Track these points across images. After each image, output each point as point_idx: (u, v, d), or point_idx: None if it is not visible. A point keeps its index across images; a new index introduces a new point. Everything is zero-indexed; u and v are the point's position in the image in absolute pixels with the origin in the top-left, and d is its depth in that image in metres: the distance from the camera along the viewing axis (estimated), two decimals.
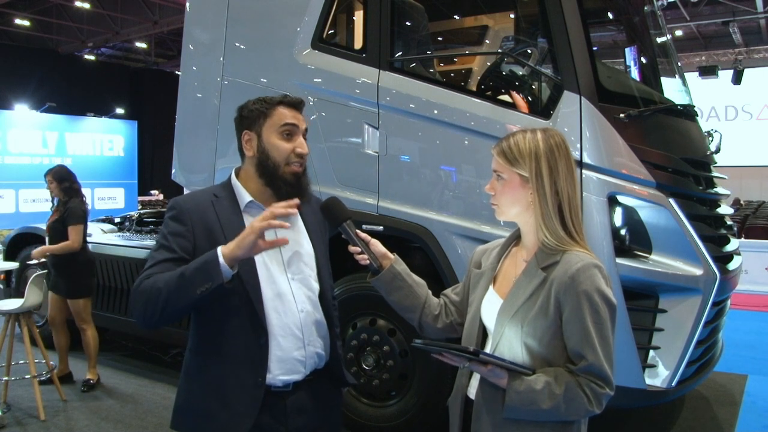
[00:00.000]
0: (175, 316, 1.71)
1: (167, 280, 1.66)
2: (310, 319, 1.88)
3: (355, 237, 1.85)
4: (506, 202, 1.64)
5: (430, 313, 1.86)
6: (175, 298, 1.64)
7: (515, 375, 1.52)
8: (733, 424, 4.20)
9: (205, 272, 1.62)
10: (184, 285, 1.63)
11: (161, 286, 1.65)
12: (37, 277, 4.48)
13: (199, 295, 1.63)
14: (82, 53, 20.65)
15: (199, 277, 1.62)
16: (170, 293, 1.64)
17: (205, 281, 1.62)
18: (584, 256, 1.55)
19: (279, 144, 1.85)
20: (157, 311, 1.66)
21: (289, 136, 1.87)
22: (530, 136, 1.61)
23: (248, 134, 1.88)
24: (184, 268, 1.66)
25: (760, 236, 9.98)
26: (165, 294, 1.64)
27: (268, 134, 1.86)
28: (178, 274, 1.65)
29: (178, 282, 1.64)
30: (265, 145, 1.86)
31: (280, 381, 1.81)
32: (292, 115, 1.88)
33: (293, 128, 1.87)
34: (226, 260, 1.62)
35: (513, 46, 4.50)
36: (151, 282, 1.68)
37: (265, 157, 1.86)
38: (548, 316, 1.53)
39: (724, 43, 19.24)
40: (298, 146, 1.87)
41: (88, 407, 4.45)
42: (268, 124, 1.86)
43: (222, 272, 1.62)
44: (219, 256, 1.62)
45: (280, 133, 1.85)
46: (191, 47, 4.45)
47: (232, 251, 1.62)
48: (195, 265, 1.65)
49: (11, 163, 15.43)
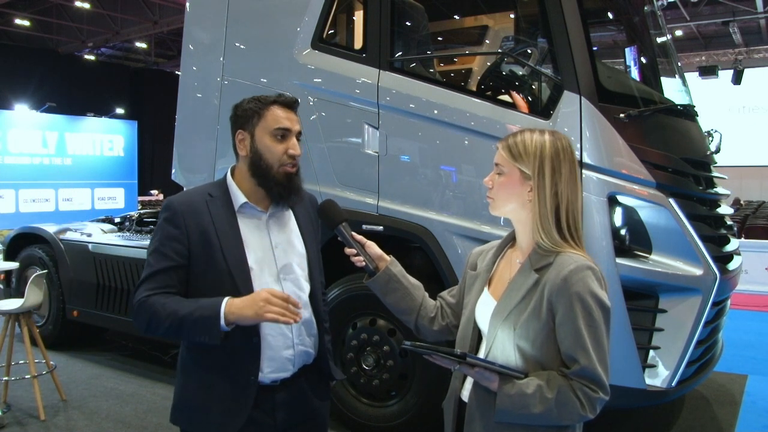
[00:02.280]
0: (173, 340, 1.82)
1: (170, 314, 1.73)
2: (300, 320, 1.90)
3: (350, 239, 1.85)
4: (503, 196, 1.64)
5: (426, 315, 1.86)
6: (173, 334, 1.76)
7: (506, 378, 1.51)
8: (733, 424, 4.20)
9: (205, 327, 1.70)
10: (185, 329, 1.73)
11: (164, 317, 1.73)
12: (37, 277, 4.47)
13: (195, 341, 1.77)
14: (82, 53, 20.66)
15: (198, 328, 1.71)
16: (171, 328, 1.74)
17: (202, 334, 1.71)
18: (578, 258, 1.54)
19: (272, 145, 1.86)
20: (158, 332, 1.77)
21: (283, 138, 1.87)
22: (538, 136, 1.61)
23: (242, 134, 1.89)
24: (188, 311, 1.72)
25: (760, 236, 9.97)
26: (166, 326, 1.74)
27: (261, 135, 1.86)
28: (181, 317, 1.72)
29: (179, 324, 1.73)
30: (258, 146, 1.86)
31: (269, 378, 1.86)
32: (286, 117, 1.88)
33: (286, 131, 1.87)
34: (227, 323, 1.69)
35: (513, 46, 4.50)
36: (156, 306, 1.75)
37: (257, 158, 1.87)
38: (541, 318, 1.52)
39: (724, 43, 19.25)
40: (290, 148, 1.87)
41: (88, 407, 4.45)
42: (261, 124, 1.87)
43: (221, 332, 1.69)
44: (221, 318, 1.68)
45: (273, 135, 1.86)
46: (191, 47, 4.45)
47: (237, 318, 1.69)
48: (198, 314, 1.71)
49: (11, 163, 15.40)
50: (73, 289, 5.63)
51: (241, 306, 1.68)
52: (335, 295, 3.78)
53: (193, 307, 1.71)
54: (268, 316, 1.65)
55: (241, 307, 1.68)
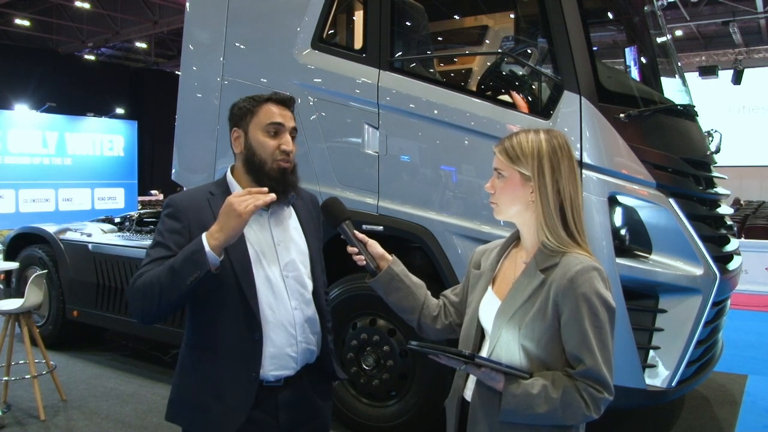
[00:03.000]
0: (171, 308, 1.76)
1: (159, 274, 1.70)
2: (303, 316, 1.92)
3: (353, 238, 1.85)
4: (506, 200, 1.64)
5: (428, 314, 1.86)
6: (169, 291, 1.69)
7: (512, 378, 1.51)
8: (733, 424, 4.20)
9: (193, 262, 1.67)
10: (175, 276, 1.68)
11: (154, 281, 1.70)
12: (37, 277, 4.47)
13: (191, 285, 1.68)
14: (82, 53, 20.66)
15: (188, 267, 1.67)
16: (163, 287, 1.69)
17: (193, 270, 1.66)
18: (584, 259, 1.54)
19: (264, 141, 1.87)
20: (153, 306, 1.72)
21: (276, 134, 1.88)
22: (533, 136, 1.61)
23: (236, 131, 1.92)
24: (173, 260, 1.70)
25: (760, 236, 9.97)
26: (158, 288, 1.69)
27: (254, 131, 1.88)
28: (168, 267, 1.70)
29: (168, 275, 1.69)
30: (251, 142, 1.88)
31: (272, 376, 1.86)
32: (280, 113, 1.89)
33: (279, 127, 1.88)
34: (212, 248, 1.66)
35: (513, 46, 4.51)
36: (145, 278, 1.72)
37: (251, 154, 1.88)
38: (546, 318, 1.52)
39: (724, 43, 19.24)
40: (283, 143, 1.88)
41: (88, 407, 4.45)
42: (254, 121, 1.88)
43: (209, 260, 1.66)
44: (204, 245, 1.67)
45: (265, 130, 1.87)
46: (191, 47, 4.45)
47: (217, 239, 1.67)
48: (183, 255, 1.69)
49: (11, 163, 15.41)
50: (73, 289, 5.63)
51: (220, 225, 1.68)
52: (335, 294, 3.78)
53: (176, 257, 1.72)
54: (249, 209, 1.66)
55: (221, 225, 1.68)
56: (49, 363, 4.61)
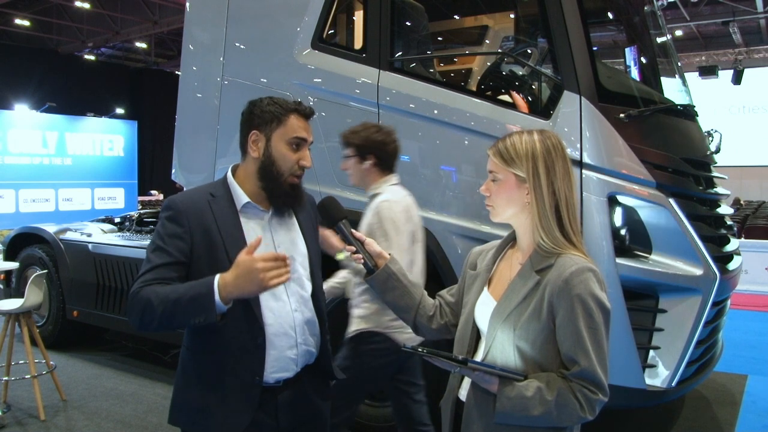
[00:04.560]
0: (170, 329, 1.75)
1: (163, 300, 1.66)
2: (303, 319, 1.92)
3: (350, 236, 1.85)
4: (501, 203, 1.64)
5: (424, 314, 1.85)
6: (169, 320, 1.68)
7: (506, 381, 1.51)
8: (733, 424, 4.20)
9: (200, 306, 1.63)
10: (178, 312, 1.66)
11: (157, 303, 1.66)
12: (37, 277, 4.48)
13: (193, 324, 1.68)
14: (82, 53, 20.64)
15: (193, 308, 1.64)
16: (164, 314, 1.67)
17: (198, 314, 1.64)
18: (579, 260, 1.54)
19: (286, 153, 1.86)
20: (152, 323, 1.70)
21: (297, 147, 1.88)
22: (527, 137, 1.61)
23: (256, 134, 1.88)
24: (181, 293, 1.66)
25: (760, 236, 9.97)
26: (160, 313, 1.67)
27: (278, 141, 1.87)
28: (174, 300, 1.65)
29: (173, 308, 1.66)
30: (272, 151, 1.86)
31: (272, 378, 1.86)
32: (304, 127, 1.90)
33: (302, 141, 1.89)
34: (222, 299, 1.62)
35: (513, 46, 4.51)
36: (148, 295, 1.68)
37: (270, 163, 1.86)
38: (541, 319, 1.52)
39: (724, 43, 19.23)
40: (303, 159, 1.89)
41: (88, 407, 4.45)
42: (280, 131, 1.87)
43: (216, 309, 1.63)
44: (215, 293, 1.62)
45: (289, 143, 1.87)
46: (191, 47, 4.45)
47: (230, 293, 1.62)
48: (191, 294, 1.65)
49: (11, 163, 15.40)
50: (73, 289, 5.64)
51: (237, 282, 1.61)
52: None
53: (186, 288, 1.67)
54: (273, 283, 1.61)
55: (237, 283, 1.61)
56: (49, 363, 4.61)
